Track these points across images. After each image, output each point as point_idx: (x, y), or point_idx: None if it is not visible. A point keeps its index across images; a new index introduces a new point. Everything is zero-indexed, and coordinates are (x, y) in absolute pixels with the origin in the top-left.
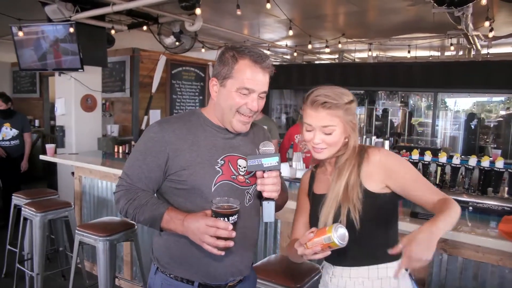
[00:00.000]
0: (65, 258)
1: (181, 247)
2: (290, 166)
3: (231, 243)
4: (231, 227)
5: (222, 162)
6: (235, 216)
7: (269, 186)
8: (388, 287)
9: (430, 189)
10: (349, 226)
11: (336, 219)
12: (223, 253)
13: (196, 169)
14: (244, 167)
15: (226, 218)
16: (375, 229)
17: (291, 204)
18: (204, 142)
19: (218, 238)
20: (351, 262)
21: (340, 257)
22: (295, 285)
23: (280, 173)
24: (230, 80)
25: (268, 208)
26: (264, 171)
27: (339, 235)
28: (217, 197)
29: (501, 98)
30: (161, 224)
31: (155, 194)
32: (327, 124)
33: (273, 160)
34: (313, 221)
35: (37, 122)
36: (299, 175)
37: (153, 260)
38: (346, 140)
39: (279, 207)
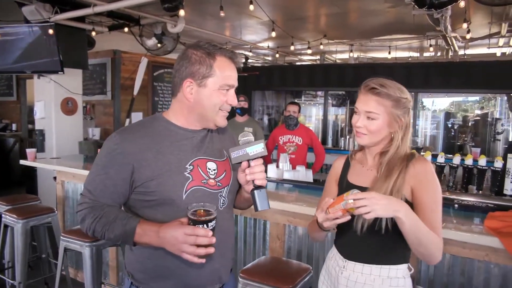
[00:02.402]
0: (48, 266)
1: (155, 261)
2: (277, 167)
3: (211, 250)
4: (211, 233)
5: (191, 167)
6: (214, 222)
7: (258, 173)
8: (396, 285)
9: (435, 223)
10: (379, 227)
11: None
12: (203, 260)
13: (164, 178)
14: (214, 170)
15: (205, 225)
16: (398, 234)
17: (279, 205)
18: (170, 149)
19: (198, 246)
20: (366, 259)
21: (355, 252)
22: (287, 286)
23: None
24: (212, 79)
25: (262, 196)
26: (249, 161)
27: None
28: (189, 204)
29: (476, 98)
30: (134, 238)
31: (123, 208)
32: (371, 110)
33: (258, 147)
34: None
35: (14, 126)
36: (286, 176)
37: (126, 275)
38: (392, 136)
39: (246, 206)
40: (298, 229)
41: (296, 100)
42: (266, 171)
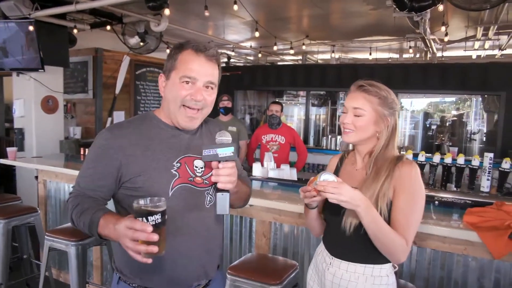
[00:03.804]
0: (30, 266)
1: None
2: (262, 166)
3: (154, 248)
4: (150, 228)
5: (178, 164)
6: (157, 216)
7: (223, 177)
8: (379, 283)
9: (405, 226)
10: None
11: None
12: (150, 260)
13: (151, 174)
14: (201, 168)
15: (144, 218)
16: None
17: (264, 203)
18: (159, 146)
19: (145, 242)
20: (351, 257)
21: (341, 250)
22: (274, 282)
23: (242, 165)
24: (174, 71)
25: (222, 200)
26: (219, 162)
27: (320, 181)
28: (175, 201)
29: (453, 99)
30: (98, 230)
31: (114, 203)
32: (358, 106)
33: (228, 151)
34: (331, 205)
35: None
36: (271, 174)
37: (114, 270)
38: (378, 135)
39: (242, 202)
40: (283, 226)
41: (278, 100)
42: (251, 171)
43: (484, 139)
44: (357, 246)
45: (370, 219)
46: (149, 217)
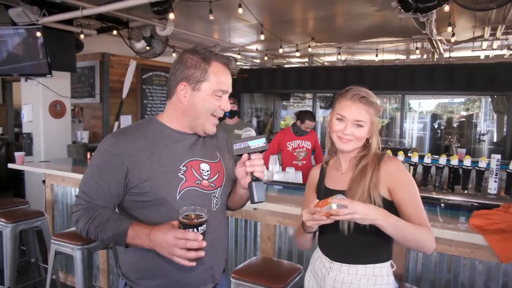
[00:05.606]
0: (37, 270)
1: (148, 261)
2: (267, 169)
3: (202, 253)
4: (201, 237)
5: (185, 168)
6: (204, 226)
7: (258, 166)
8: (380, 283)
9: (420, 216)
10: (361, 226)
11: None
12: (194, 264)
13: (158, 178)
14: (208, 171)
15: (195, 229)
16: (380, 234)
17: (269, 206)
18: (164, 151)
19: (189, 249)
20: (351, 260)
21: (341, 254)
22: (279, 286)
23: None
24: (206, 83)
25: (259, 188)
26: (249, 154)
27: (338, 205)
28: (183, 205)
29: (461, 99)
30: (126, 240)
31: (117, 210)
32: (360, 119)
33: (260, 142)
34: None
35: (0, 130)
36: (276, 177)
37: (120, 275)
38: (369, 140)
39: (244, 202)
40: (288, 230)
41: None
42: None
43: (495, 140)
44: (357, 247)
45: (392, 226)
46: (199, 228)
